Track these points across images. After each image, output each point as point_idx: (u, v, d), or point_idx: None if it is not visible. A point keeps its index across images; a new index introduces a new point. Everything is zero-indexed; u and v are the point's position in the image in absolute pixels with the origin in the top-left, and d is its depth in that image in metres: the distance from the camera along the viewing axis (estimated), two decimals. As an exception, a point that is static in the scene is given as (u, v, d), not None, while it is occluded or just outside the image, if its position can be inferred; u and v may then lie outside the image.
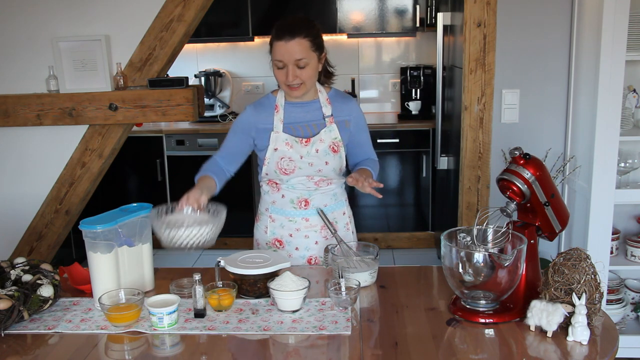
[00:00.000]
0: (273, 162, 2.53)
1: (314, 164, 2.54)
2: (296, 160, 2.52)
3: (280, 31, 2.39)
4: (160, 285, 2.38)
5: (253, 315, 2.11)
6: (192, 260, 5.54)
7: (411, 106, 5.71)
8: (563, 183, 3.62)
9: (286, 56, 2.39)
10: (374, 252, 2.41)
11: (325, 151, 2.55)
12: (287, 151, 2.51)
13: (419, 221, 5.69)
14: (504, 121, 3.63)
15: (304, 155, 2.52)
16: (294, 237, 2.64)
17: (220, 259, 2.27)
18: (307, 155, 2.53)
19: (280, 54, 2.40)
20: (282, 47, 2.39)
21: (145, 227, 2.31)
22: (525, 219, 2.17)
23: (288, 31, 2.38)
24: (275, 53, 2.41)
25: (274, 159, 2.53)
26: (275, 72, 2.45)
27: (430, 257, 5.43)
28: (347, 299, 2.12)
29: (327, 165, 2.57)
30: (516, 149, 2.10)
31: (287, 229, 2.64)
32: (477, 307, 2.05)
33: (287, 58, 2.40)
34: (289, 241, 2.65)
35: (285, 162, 2.52)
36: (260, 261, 2.25)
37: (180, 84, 3.42)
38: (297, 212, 2.61)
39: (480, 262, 1.98)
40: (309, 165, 2.54)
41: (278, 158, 2.52)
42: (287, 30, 2.38)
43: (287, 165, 2.53)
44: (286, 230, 2.64)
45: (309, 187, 2.59)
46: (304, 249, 2.65)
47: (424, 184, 5.57)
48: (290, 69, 2.41)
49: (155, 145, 5.60)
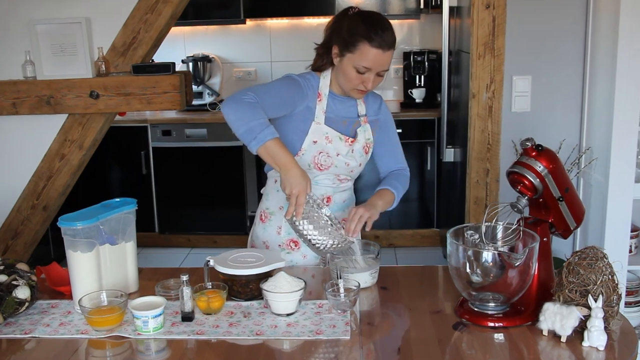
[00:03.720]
0: (310, 155, 2.52)
1: (350, 164, 2.58)
2: (333, 157, 2.54)
3: (379, 37, 2.37)
4: (145, 287, 2.37)
5: (245, 318, 2.10)
6: (179, 260, 5.54)
7: (415, 94, 5.72)
8: (578, 176, 3.61)
9: (377, 65, 2.40)
10: (374, 250, 2.41)
11: (359, 152, 2.58)
12: (326, 146, 2.52)
13: (423, 217, 5.70)
14: (514, 110, 3.63)
15: (342, 153, 2.54)
16: None
17: (209, 258, 2.27)
18: (346, 154, 2.55)
19: (371, 61, 2.39)
20: (377, 55, 2.38)
21: (129, 224, 2.30)
22: (537, 215, 2.17)
23: (387, 41, 2.38)
24: (365, 58, 2.38)
25: (312, 151, 2.52)
26: (349, 72, 2.43)
27: (435, 256, 5.45)
28: (346, 302, 2.12)
29: (359, 167, 2.62)
30: (528, 139, 2.10)
31: None
32: (486, 310, 2.05)
33: (376, 67, 2.41)
34: None
35: (323, 157, 2.53)
36: (252, 261, 2.25)
37: (166, 70, 3.42)
38: None
39: (489, 261, 1.98)
40: (345, 164, 2.57)
41: (316, 152, 2.52)
42: (387, 40, 2.38)
43: (325, 160, 2.54)
44: None
45: (334, 184, 2.61)
46: None
47: (429, 178, 5.58)
48: (373, 77, 2.43)
49: (140, 136, 5.60)
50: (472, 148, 3.66)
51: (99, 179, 5.71)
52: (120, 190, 5.75)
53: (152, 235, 5.81)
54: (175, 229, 5.84)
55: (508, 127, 3.63)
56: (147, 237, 5.75)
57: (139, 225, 2.37)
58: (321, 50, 2.56)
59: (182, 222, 5.81)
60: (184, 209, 5.76)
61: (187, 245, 5.85)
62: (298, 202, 2.23)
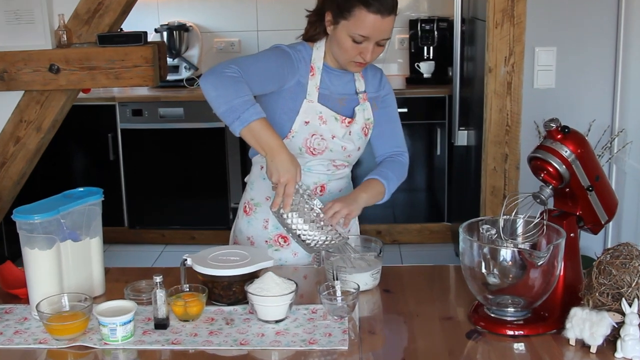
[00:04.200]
0: (301, 138, 2.52)
1: (347, 148, 2.57)
2: (328, 139, 2.54)
3: (377, 1, 2.36)
4: (113, 289, 2.37)
5: (227, 326, 2.11)
6: (151, 259, 5.55)
7: (422, 68, 5.71)
8: (610, 163, 3.62)
9: (376, 33, 2.40)
10: (376, 248, 2.41)
11: (358, 134, 2.59)
12: (320, 127, 2.52)
13: (432, 210, 5.71)
14: (537, 86, 3.63)
15: (338, 135, 2.54)
16: None
17: (186, 256, 2.27)
18: (343, 137, 2.55)
19: (369, 28, 2.38)
20: (376, 22, 2.37)
21: (94, 218, 2.30)
22: (563, 207, 2.17)
23: (387, 5, 2.37)
24: (362, 26, 2.38)
25: (303, 134, 2.52)
26: (344, 42, 2.43)
27: (446, 254, 5.46)
28: (343, 306, 2.12)
29: (358, 152, 2.63)
30: (552, 120, 2.10)
31: None
32: (504, 316, 2.05)
33: (375, 35, 2.40)
34: None
35: (316, 141, 2.53)
36: (235, 259, 2.25)
37: (137, 40, 3.41)
38: None
39: (508, 260, 1.98)
40: (341, 148, 2.56)
41: (308, 134, 2.52)
42: (386, 4, 2.37)
43: (318, 144, 2.54)
44: None
45: (329, 171, 2.61)
46: None
47: (438, 164, 5.58)
48: (371, 47, 2.42)
49: (107, 116, 5.59)
50: (488, 130, 3.66)
51: (59, 165, 5.70)
52: (84, 178, 5.74)
53: (120, 230, 5.82)
54: (147, 223, 5.84)
55: (530, 106, 3.64)
56: (115, 232, 5.74)
57: (106, 218, 2.37)
58: (313, 17, 2.55)
59: (155, 215, 5.82)
60: (157, 200, 5.77)
61: (161, 242, 5.85)
62: (286, 191, 2.23)
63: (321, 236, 2.28)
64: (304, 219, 2.27)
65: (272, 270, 2.23)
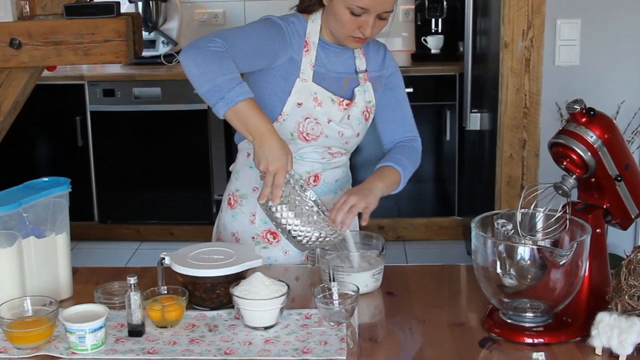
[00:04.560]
0: (292, 121, 2.52)
1: (345, 134, 2.57)
2: (323, 124, 2.53)
3: None
4: (82, 292, 2.37)
5: (210, 333, 2.11)
6: (125, 257, 5.55)
7: (430, 42, 5.72)
8: (640, 149, 3.63)
9: (376, 5, 2.40)
10: (378, 245, 2.41)
11: (358, 119, 2.59)
12: (314, 109, 2.51)
13: (441, 202, 5.72)
14: (559, 63, 3.63)
15: (335, 119, 2.54)
16: None
17: (164, 254, 2.27)
18: (340, 120, 2.55)
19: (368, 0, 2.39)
20: None
21: (61, 211, 2.30)
22: (588, 199, 2.18)
23: None
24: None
25: (295, 117, 2.51)
26: (341, 15, 2.43)
27: (456, 253, 5.48)
28: (340, 311, 2.12)
29: (357, 138, 2.63)
30: (576, 101, 2.10)
31: None
32: (522, 321, 2.06)
33: (376, 7, 2.41)
34: None
35: (310, 125, 2.53)
36: (220, 258, 2.25)
37: (108, 11, 3.40)
38: None
39: (527, 259, 1.99)
40: (338, 134, 2.56)
41: (301, 117, 2.52)
42: None
43: (312, 129, 2.53)
44: None
45: (324, 159, 2.61)
46: None
47: (448, 151, 5.59)
48: (372, 21, 2.42)
49: (75, 97, 5.59)
50: (503, 113, 3.67)
51: (21, 153, 5.70)
52: (49, 167, 5.74)
53: (90, 226, 5.82)
54: (120, 218, 5.85)
55: (551, 86, 3.64)
56: (84, 227, 5.74)
57: (74, 212, 2.37)
58: None
59: (129, 209, 5.83)
60: (131, 191, 5.78)
61: (135, 238, 5.86)
62: (275, 182, 2.22)
63: (314, 232, 2.27)
64: (295, 213, 2.26)
65: (261, 270, 2.22)
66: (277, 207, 2.25)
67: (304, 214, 2.27)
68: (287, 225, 2.27)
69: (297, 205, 2.27)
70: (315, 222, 2.27)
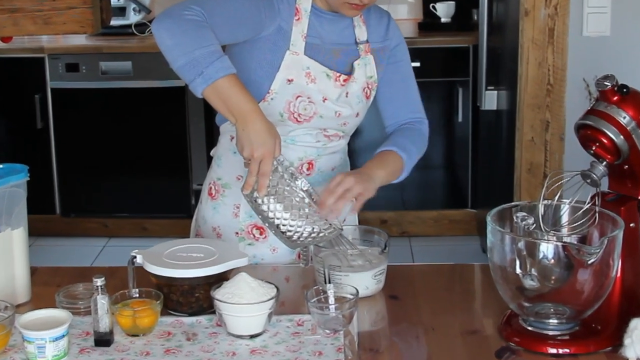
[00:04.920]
0: (282, 100, 2.51)
1: (342, 114, 2.57)
2: (317, 103, 2.53)
3: None
4: (41, 295, 2.36)
5: (188, 342, 2.11)
6: (91, 255, 5.55)
7: (440, 10, 5.73)
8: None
9: None
10: (380, 241, 2.42)
11: (358, 96, 2.59)
12: (307, 86, 2.51)
13: (452, 193, 5.73)
14: (587, 34, 3.64)
15: (331, 98, 2.54)
16: None
17: (135, 252, 2.26)
18: (337, 99, 2.55)
19: None
20: None
21: (17, 202, 2.30)
22: (621, 189, 2.17)
23: None
24: None
25: (285, 95, 2.51)
26: None
27: (469, 250, 5.49)
28: (337, 317, 2.12)
29: (357, 118, 2.63)
30: (607, 77, 2.11)
31: None
32: (545, 329, 2.06)
33: None
34: None
35: (302, 104, 2.52)
36: (199, 257, 2.25)
37: (71, -27, 3.40)
38: None
39: (550, 257, 1.99)
40: (335, 114, 2.56)
41: (292, 96, 2.51)
42: None
43: (305, 109, 2.53)
44: None
45: (318, 143, 2.61)
46: None
47: (460, 134, 5.60)
48: None
49: (34, 72, 5.59)
50: (524, 90, 3.68)
51: (-29, 135, 5.70)
52: (4, 152, 5.72)
53: (51, 219, 5.82)
54: (85, 210, 5.86)
55: (577, 59, 3.64)
56: (44, 221, 5.74)
57: (32, 204, 2.37)
58: None
59: (96, 200, 5.83)
60: (98, 180, 5.78)
61: (102, 234, 5.87)
62: (261, 170, 2.22)
63: (306, 227, 2.27)
64: (284, 205, 2.25)
65: (246, 270, 2.22)
66: (263, 198, 2.24)
67: (295, 206, 2.27)
68: (275, 219, 2.26)
69: (287, 196, 2.27)
70: (307, 215, 2.26)
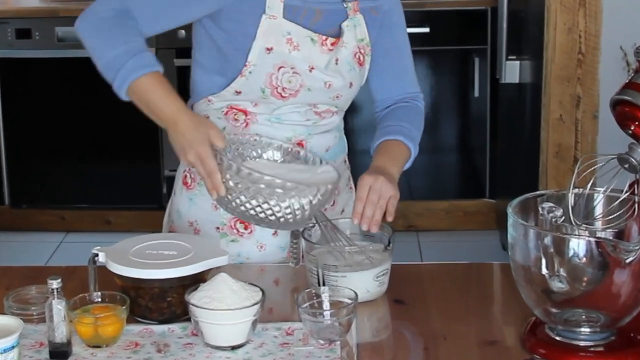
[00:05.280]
0: (262, 74, 2.52)
1: (333, 85, 2.57)
2: (303, 73, 2.53)
3: None
4: (-13, 300, 2.37)
5: (159, 354, 2.10)
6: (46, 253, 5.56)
7: (452, -34, 5.72)
8: None
9: None
10: (383, 236, 2.41)
11: (349, 63, 2.59)
12: (289, 55, 2.51)
13: (467, 180, 5.75)
14: (624, -6, 3.65)
15: (318, 66, 2.54)
16: None
17: (97, 249, 2.26)
18: (326, 67, 2.55)
19: None
20: None
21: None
22: (664, 176, 2.17)
23: None
24: None
25: (265, 67, 2.52)
26: None
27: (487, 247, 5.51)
28: (333, 325, 2.12)
29: (351, 90, 2.64)
30: (647, 45, 2.10)
31: None
32: (576, 339, 2.05)
33: None
34: None
35: (285, 76, 2.53)
36: (172, 255, 2.25)
37: None
38: None
39: (582, 255, 1.97)
40: (324, 86, 2.56)
41: (273, 67, 2.52)
42: None
43: (290, 81, 2.53)
44: None
45: (308, 121, 2.62)
46: (286, 233, 2.61)
47: (477, 112, 5.62)
48: None
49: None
50: (551, 60, 3.69)
51: None
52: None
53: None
54: (38, 201, 5.87)
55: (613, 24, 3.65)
56: (-10, 213, 5.76)
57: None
58: None
59: (51, 189, 5.84)
60: (53, 166, 5.78)
61: (59, 228, 5.88)
62: (205, 169, 2.25)
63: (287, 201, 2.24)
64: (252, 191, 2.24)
65: (227, 270, 2.21)
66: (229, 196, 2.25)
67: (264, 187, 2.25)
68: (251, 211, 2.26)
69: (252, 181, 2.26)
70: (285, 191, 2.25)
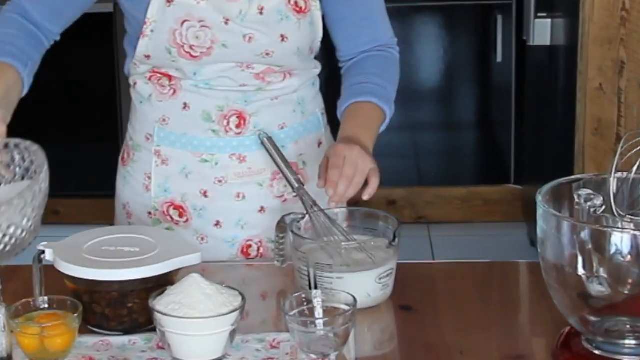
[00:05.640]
0: (164, 31, 2.58)
1: (255, 39, 2.59)
2: (215, 27, 2.57)
3: None
4: None
5: (118, 371, 2.10)
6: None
7: None
8: None
9: None
10: (387, 230, 2.43)
11: (280, 12, 2.62)
12: (195, 6, 2.55)
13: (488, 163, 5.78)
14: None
15: (232, 18, 2.58)
16: (212, 199, 2.71)
17: (44, 245, 2.27)
18: (242, 18, 2.58)
19: None
20: None
21: None
22: None
23: None
24: None
25: (167, 22, 2.57)
26: None
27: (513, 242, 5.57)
28: (327, 337, 2.10)
29: (285, 44, 2.65)
30: None
31: (196, 179, 2.68)
32: (619, 352, 2.05)
33: None
34: (203, 207, 2.73)
35: (191, 32, 2.57)
36: (133, 252, 2.26)
37: None
38: (218, 140, 2.67)
39: (626, 252, 1.97)
40: (244, 40, 2.59)
41: (175, 22, 2.57)
42: None
43: (197, 37, 2.58)
44: (194, 182, 2.68)
45: (245, 86, 2.64)
46: (234, 224, 2.72)
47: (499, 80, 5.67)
48: None
49: None
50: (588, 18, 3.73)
51: None
52: None
53: None
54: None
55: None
56: None
57: None
58: None
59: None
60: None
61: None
62: None
63: None
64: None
65: (199, 271, 2.21)
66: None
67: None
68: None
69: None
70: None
